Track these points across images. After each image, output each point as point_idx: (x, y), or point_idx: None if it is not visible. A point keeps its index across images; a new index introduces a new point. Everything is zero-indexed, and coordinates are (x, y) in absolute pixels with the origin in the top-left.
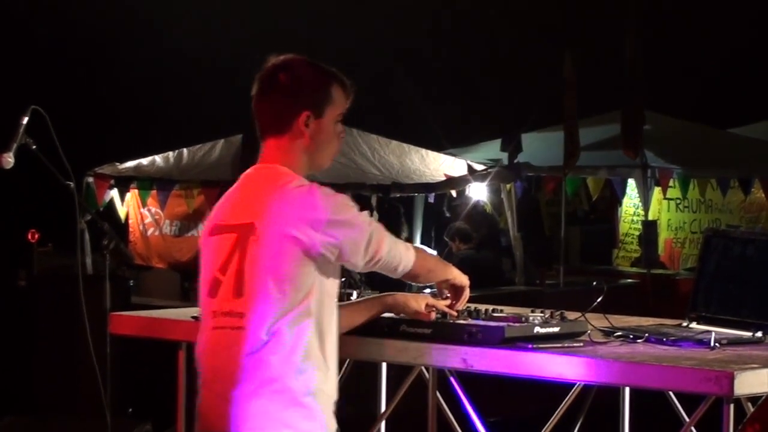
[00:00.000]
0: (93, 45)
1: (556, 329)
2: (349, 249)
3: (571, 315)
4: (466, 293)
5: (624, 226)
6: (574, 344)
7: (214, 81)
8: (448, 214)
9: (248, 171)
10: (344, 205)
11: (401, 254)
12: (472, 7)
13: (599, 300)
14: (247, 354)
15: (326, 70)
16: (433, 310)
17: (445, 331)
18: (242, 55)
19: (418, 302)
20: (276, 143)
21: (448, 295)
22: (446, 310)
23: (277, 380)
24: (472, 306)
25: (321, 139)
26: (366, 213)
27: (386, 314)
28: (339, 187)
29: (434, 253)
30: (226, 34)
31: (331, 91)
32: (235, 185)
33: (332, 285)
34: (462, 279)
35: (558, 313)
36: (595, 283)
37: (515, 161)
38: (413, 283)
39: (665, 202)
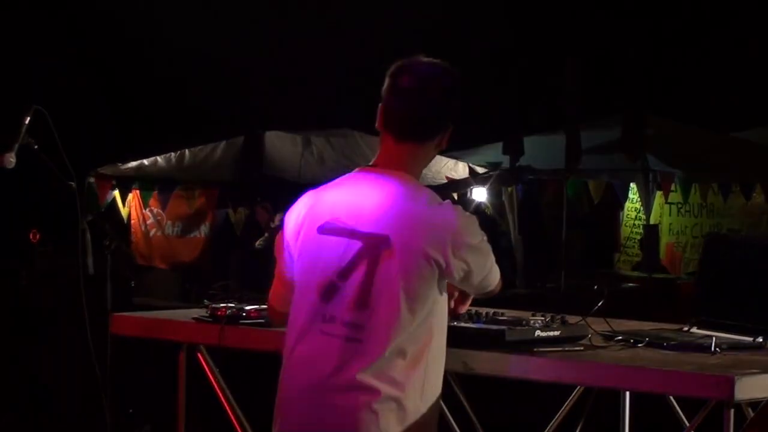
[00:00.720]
0: (95, 46)
1: (556, 333)
2: (475, 275)
3: (572, 319)
4: (470, 299)
5: (625, 230)
6: (575, 348)
7: (217, 82)
8: None
9: (365, 172)
10: (478, 230)
11: (496, 284)
12: (474, 10)
13: (600, 304)
14: (366, 367)
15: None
16: None
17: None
18: (246, 58)
19: None
20: (414, 149)
21: (453, 296)
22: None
23: (396, 399)
24: (473, 309)
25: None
26: (485, 236)
27: None
28: None
29: None
30: (230, 36)
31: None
32: (352, 184)
33: (446, 303)
34: None
35: (559, 316)
36: (596, 286)
37: (517, 164)
38: None
39: (667, 206)
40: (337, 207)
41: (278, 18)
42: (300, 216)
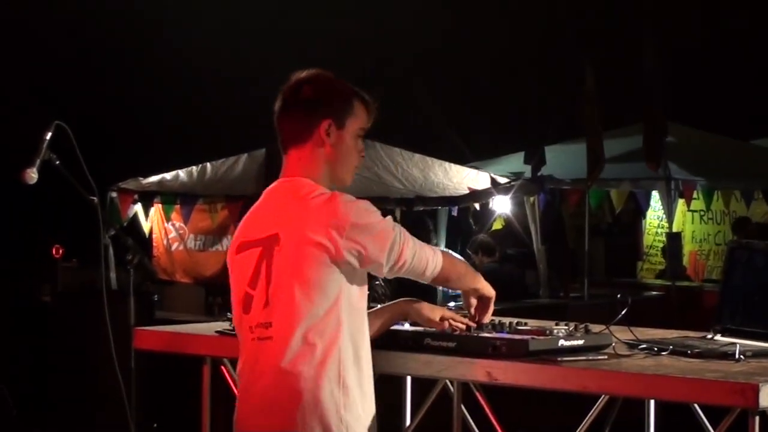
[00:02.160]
0: (116, 60)
1: (580, 342)
2: (372, 253)
3: (596, 328)
4: (492, 306)
5: (648, 239)
6: (599, 357)
7: (238, 96)
8: (475, 227)
9: (271, 186)
10: (366, 210)
11: (428, 257)
12: (494, 20)
13: (623, 312)
14: (278, 363)
15: (349, 85)
16: (448, 322)
17: (469, 345)
18: (265, 70)
19: (433, 311)
20: (298, 154)
21: (473, 304)
22: (463, 325)
23: (310, 392)
24: (497, 319)
25: (342, 150)
26: (389, 218)
27: (408, 327)
28: None
29: (461, 258)
30: (251, 48)
31: (354, 103)
32: (258, 201)
33: (360, 295)
34: (490, 290)
35: (582, 326)
36: (619, 295)
37: (538, 174)
38: (445, 288)
39: (689, 214)
40: (245, 226)
41: (298, 33)
42: (230, 247)
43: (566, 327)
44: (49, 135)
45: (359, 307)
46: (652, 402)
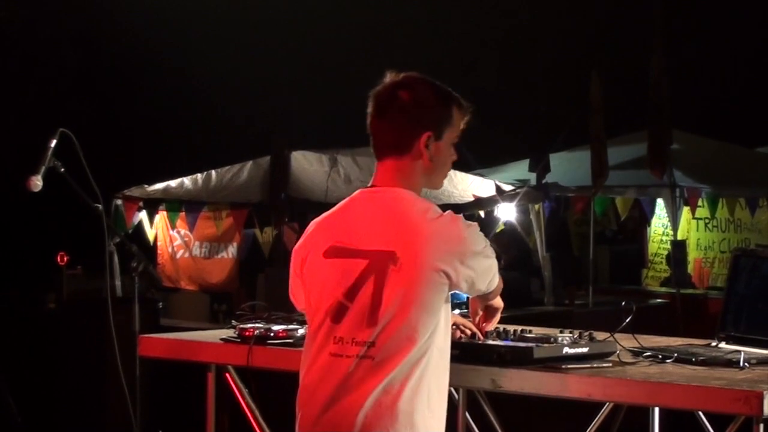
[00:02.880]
0: (121, 68)
1: (585, 350)
2: (481, 280)
3: (600, 335)
4: (498, 316)
5: (653, 246)
6: (603, 364)
7: (243, 103)
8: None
9: (364, 193)
10: (480, 236)
11: (498, 281)
12: (499, 28)
13: (628, 320)
14: (377, 384)
15: (447, 91)
16: (458, 329)
17: (474, 352)
18: (271, 78)
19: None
20: (396, 164)
21: (479, 313)
22: (474, 330)
23: (406, 415)
24: (501, 327)
25: (439, 161)
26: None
27: None
28: None
29: None
30: (257, 56)
31: (452, 112)
32: (349, 206)
33: (449, 311)
34: (500, 302)
35: (587, 333)
36: (624, 303)
37: (543, 181)
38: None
39: (694, 221)
40: (340, 229)
41: (303, 39)
42: (303, 246)
43: (571, 334)
44: (53, 142)
45: (449, 322)
46: (657, 409)
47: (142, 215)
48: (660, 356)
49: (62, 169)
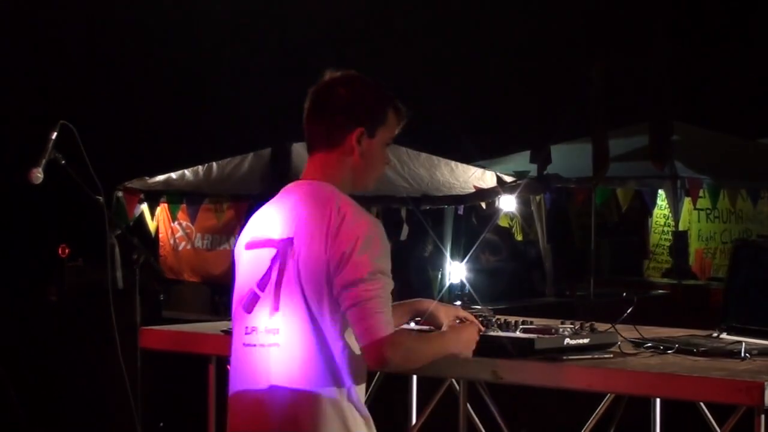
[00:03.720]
0: (122, 59)
1: (586, 341)
2: (345, 266)
3: (601, 326)
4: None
5: (654, 237)
6: (605, 356)
7: (244, 95)
8: (477, 226)
9: (290, 186)
10: (381, 256)
11: (386, 320)
12: (500, 19)
13: (629, 311)
14: (286, 371)
15: (385, 92)
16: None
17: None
18: (273, 69)
19: (448, 316)
20: (324, 158)
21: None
22: (474, 322)
23: (316, 402)
24: (502, 318)
25: (369, 159)
26: (386, 278)
27: (414, 326)
28: (369, 200)
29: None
30: (255, 48)
31: (387, 113)
32: (275, 199)
33: None
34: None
35: (588, 324)
36: (625, 294)
37: (544, 173)
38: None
39: (695, 212)
40: (261, 221)
41: (305, 32)
42: (237, 242)
43: (572, 326)
44: (54, 135)
45: None
46: (658, 400)
47: (144, 207)
48: (661, 347)
49: (63, 162)
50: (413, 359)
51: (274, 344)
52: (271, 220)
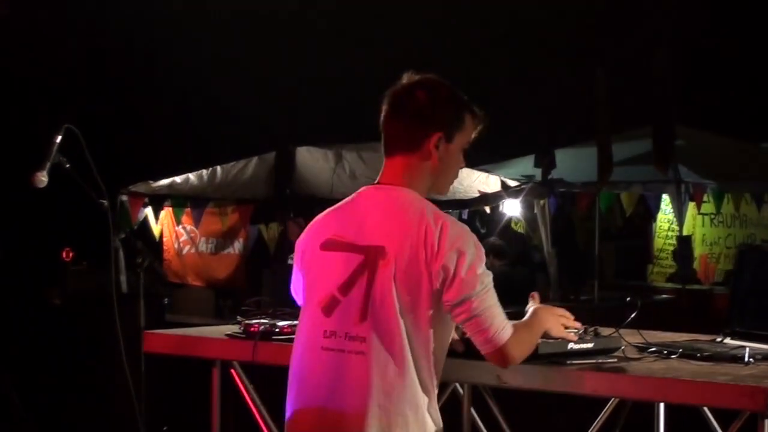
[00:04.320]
0: (126, 63)
1: (590, 345)
2: (453, 283)
3: (606, 331)
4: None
5: (658, 242)
6: (608, 360)
7: (248, 99)
8: (482, 230)
9: (368, 189)
10: (483, 262)
11: (500, 321)
12: (504, 23)
13: (633, 315)
14: (370, 380)
15: (462, 96)
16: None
17: None
18: (276, 73)
19: (559, 330)
20: (404, 162)
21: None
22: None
23: (399, 411)
24: None
25: (447, 164)
26: (491, 281)
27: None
28: None
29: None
30: (259, 52)
31: (465, 118)
32: (351, 201)
33: (449, 321)
34: (557, 329)
35: (592, 329)
36: (629, 298)
37: (549, 177)
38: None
39: (699, 217)
40: (339, 223)
41: (305, 35)
42: (303, 240)
43: (576, 330)
44: (59, 138)
45: (448, 330)
46: (662, 405)
47: (148, 211)
48: (665, 352)
49: (67, 165)
50: (529, 349)
51: (360, 352)
52: (352, 224)
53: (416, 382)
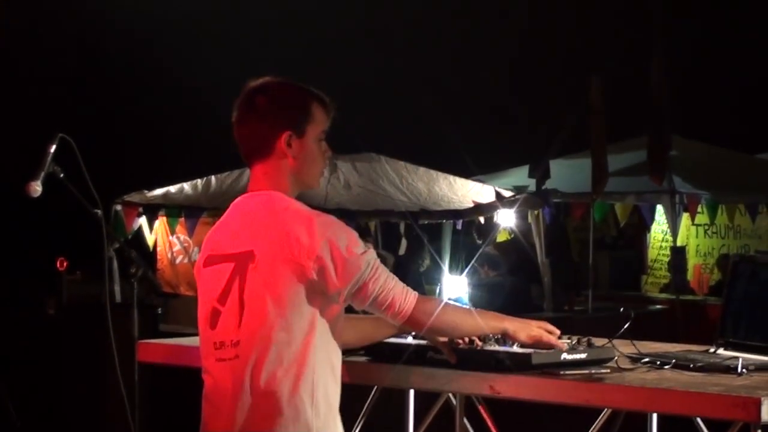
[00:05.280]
0: (120, 72)
1: (583, 356)
2: (336, 272)
3: (599, 341)
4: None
5: (653, 252)
6: (602, 371)
7: None
8: (479, 241)
9: (238, 199)
10: (358, 240)
11: (401, 293)
12: (498, 34)
13: (627, 326)
14: (252, 383)
15: (303, 88)
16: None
17: (472, 358)
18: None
19: (531, 331)
20: (263, 168)
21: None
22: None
23: (283, 412)
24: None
25: (305, 158)
26: (368, 251)
27: (411, 340)
28: (367, 214)
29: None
30: (253, 61)
31: (311, 108)
32: (226, 214)
33: (333, 321)
34: (522, 334)
35: (585, 339)
36: (623, 309)
37: (543, 187)
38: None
39: (693, 227)
40: (216, 237)
41: (304, 42)
42: (196, 264)
43: (569, 340)
44: (53, 148)
45: (332, 332)
46: (655, 416)
47: (142, 221)
48: (658, 362)
49: (62, 175)
50: (435, 309)
51: (235, 356)
52: (226, 236)
53: (294, 389)
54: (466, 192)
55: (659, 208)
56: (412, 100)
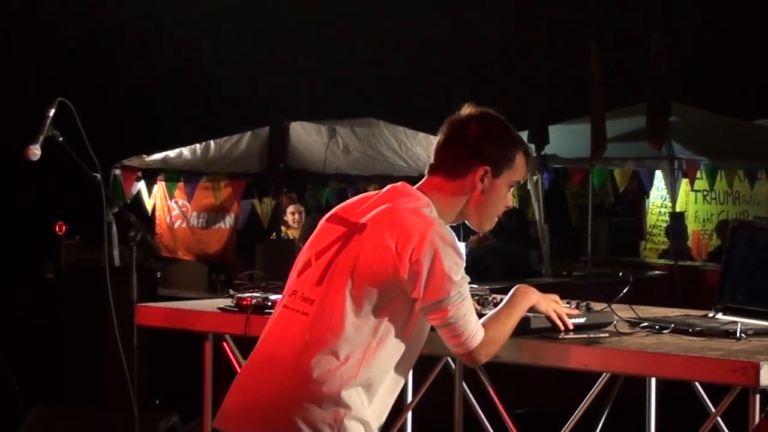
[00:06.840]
0: (120, 39)
1: (582, 320)
2: (426, 282)
3: (598, 306)
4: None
5: (651, 218)
6: (600, 335)
7: (242, 74)
8: None
9: (398, 185)
10: (459, 267)
11: (473, 328)
12: (499, 1)
13: (625, 291)
14: (306, 344)
15: (517, 135)
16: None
17: None
18: (269, 48)
19: (547, 306)
20: (440, 183)
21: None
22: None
23: (330, 392)
24: (498, 297)
25: (490, 198)
26: (464, 280)
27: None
28: (365, 179)
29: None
30: (253, 27)
31: (516, 156)
32: (377, 191)
33: (413, 327)
34: (543, 305)
35: (584, 304)
36: (621, 274)
37: (542, 153)
38: None
39: (692, 193)
40: (352, 203)
41: (302, 14)
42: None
43: (568, 305)
44: (52, 111)
45: (409, 340)
46: (653, 380)
47: (141, 185)
48: (657, 327)
49: (61, 139)
50: (500, 344)
51: (305, 313)
52: (360, 205)
53: (345, 366)
54: None
55: (658, 174)
56: (413, 63)
